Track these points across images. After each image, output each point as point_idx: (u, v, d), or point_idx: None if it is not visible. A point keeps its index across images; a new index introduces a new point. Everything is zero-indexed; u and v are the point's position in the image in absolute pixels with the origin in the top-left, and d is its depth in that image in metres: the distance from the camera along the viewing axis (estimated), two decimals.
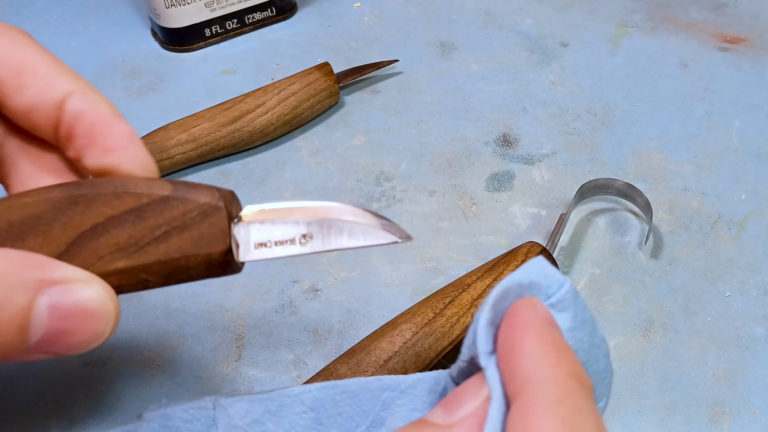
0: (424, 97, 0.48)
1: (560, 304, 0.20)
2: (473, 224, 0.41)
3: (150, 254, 0.22)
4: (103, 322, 0.21)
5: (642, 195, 0.39)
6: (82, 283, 0.21)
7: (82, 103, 0.24)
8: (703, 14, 0.54)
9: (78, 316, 0.21)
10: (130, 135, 0.25)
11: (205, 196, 0.22)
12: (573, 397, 0.17)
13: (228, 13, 0.51)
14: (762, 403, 0.33)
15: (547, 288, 0.21)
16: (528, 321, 0.19)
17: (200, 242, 0.22)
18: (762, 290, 0.38)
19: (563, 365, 0.18)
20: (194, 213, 0.22)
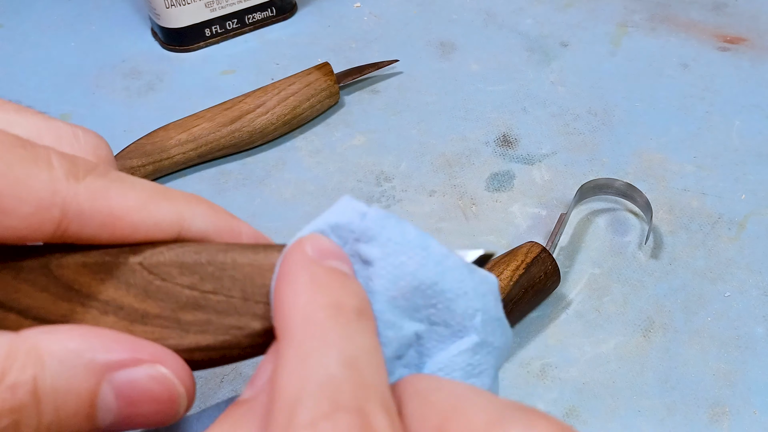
0: (424, 97, 0.48)
1: (365, 235, 0.19)
2: (473, 224, 0.41)
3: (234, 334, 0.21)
4: (174, 405, 0.20)
5: (642, 195, 0.39)
6: (148, 364, 0.20)
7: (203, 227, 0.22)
8: (703, 14, 0.54)
9: (146, 401, 0.20)
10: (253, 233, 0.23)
11: None
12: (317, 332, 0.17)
13: (228, 13, 0.51)
14: (762, 403, 0.33)
15: (349, 224, 0.19)
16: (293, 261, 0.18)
17: None
18: (762, 290, 0.38)
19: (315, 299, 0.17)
20: None
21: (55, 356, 0.18)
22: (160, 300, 0.21)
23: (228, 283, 0.21)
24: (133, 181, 0.21)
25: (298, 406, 0.15)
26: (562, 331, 0.36)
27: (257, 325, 0.21)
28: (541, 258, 0.35)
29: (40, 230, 0.20)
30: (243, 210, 0.41)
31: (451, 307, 0.19)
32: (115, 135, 0.45)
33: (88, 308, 0.21)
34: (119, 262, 0.21)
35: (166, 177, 0.43)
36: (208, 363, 0.21)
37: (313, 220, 0.20)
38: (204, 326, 0.21)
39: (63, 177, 0.20)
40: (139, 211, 0.21)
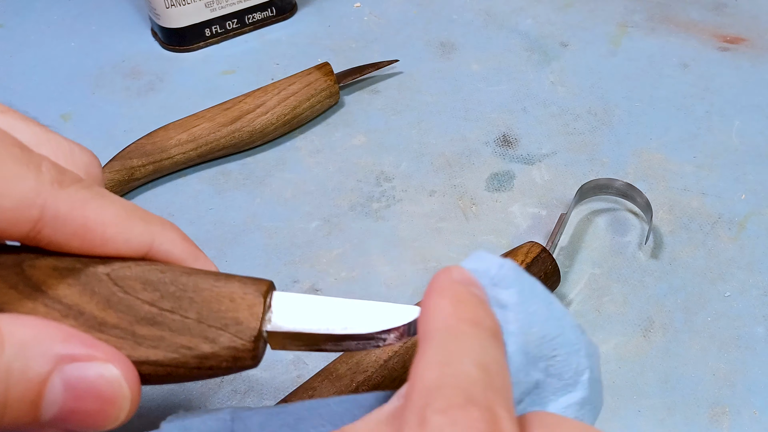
0: (424, 97, 0.48)
1: (503, 281, 0.21)
2: (473, 224, 0.41)
3: (183, 353, 0.22)
4: (117, 407, 0.21)
5: (642, 195, 0.39)
6: (100, 362, 0.20)
7: (170, 251, 0.24)
8: (703, 14, 0.54)
9: (92, 397, 0.20)
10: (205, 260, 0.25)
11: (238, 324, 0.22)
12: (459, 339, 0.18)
13: (228, 13, 0.51)
14: (762, 403, 0.33)
15: (489, 269, 0.21)
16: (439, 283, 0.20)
17: (232, 352, 0.22)
18: (762, 290, 0.38)
19: (458, 313, 0.19)
20: (230, 328, 0.22)
21: (14, 339, 0.19)
22: (120, 311, 0.22)
23: (186, 304, 0.22)
24: (114, 199, 0.23)
25: (435, 394, 0.17)
26: None
27: (206, 348, 0.21)
28: (541, 258, 0.35)
29: (17, 226, 0.21)
30: (243, 210, 0.41)
31: (567, 361, 0.21)
32: (115, 135, 0.45)
33: (51, 309, 0.21)
34: (88, 271, 0.22)
35: (166, 177, 0.43)
36: (153, 378, 0.22)
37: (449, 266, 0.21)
38: (157, 342, 0.21)
39: (48, 182, 0.21)
40: (112, 226, 0.22)
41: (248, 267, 0.39)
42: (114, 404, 0.21)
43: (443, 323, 0.19)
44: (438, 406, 0.16)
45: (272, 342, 0.23)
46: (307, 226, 0.41)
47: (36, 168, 0.21)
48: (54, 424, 0.20)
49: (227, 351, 0.22)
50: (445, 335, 0.18)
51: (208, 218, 0.41)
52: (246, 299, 0.22)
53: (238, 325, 0.22)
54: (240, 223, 0.41)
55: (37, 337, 0.20)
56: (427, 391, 0.17)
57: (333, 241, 0.40)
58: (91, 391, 0.20)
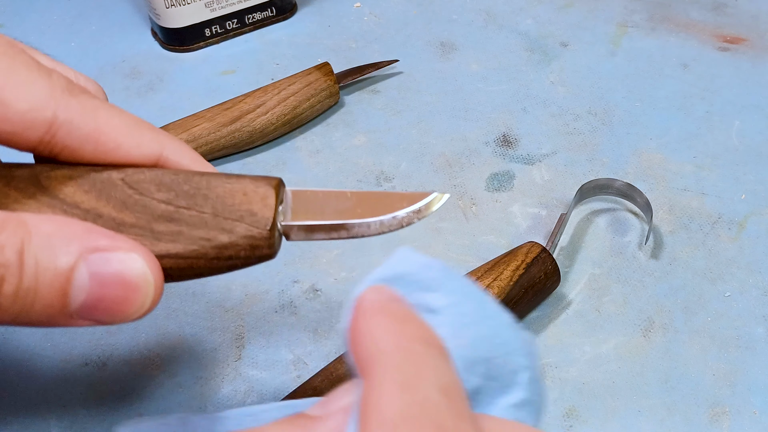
0: (424, 97, 0.48)
1: (430, 285, 0.20)
2: (473, 224, 0.41)
3: (202, 244, 0.22)
4: (142, 294, 0.21)
5: (642, 195, 0.39)
6: (123, 251, 0.21)
7: (179, 160, 0.25)
8: (703, 14, 0.54)
9: (117, 284, 0.21)
10: None
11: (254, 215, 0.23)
12: (413, 359, 0.17)
13: (228, 13, 0.51)
14: (762, 403, 0.33)
15: (414, 274, 0.20)
16: (366, 304, 0.19)
17: (250, 240, 0.23)
18: (762, 290, 0.38)
19: (402, 332, 0.18)
20: (246, 218, 0.23)
21: (41, 231, 0.20)
22: (136, 212, 0.23)
23: (200, 201, 0.23)
24: (122, 110, 0.24)
25: (402, 427, 0.16)
26: (562, 331, 0.36)
27: (224, 238, 0.22)
28: (542, 258, 0.35)
29: (32, 129, 0.21)
30: None
31: (504, 362, 0.20)
32: None
33: (70, 215, 0.22)
34: (103, 177, 0.23)
35: None
36: (174, 272, 0.23)
37: (372, 271, 0.21)
38: (175, 236, 0.22)
39: (59, 88, 0.22)
40: (123, 130, 0.23)
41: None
42: (138, 291, 0.21)
43: (393, 345, 0.17)
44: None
45: (287, 233, 0.24)
46: None
47: (48, 75, 0.22)
48: (82, 314, 0.21)
49: (245, 240, 0.23)
50: (398, 360, 0.17)
51: None
52: (258, 192, 0.23)
53: (253, 216, 0.23)
54: None
55: (61, 230, 0.21)
56: (391, 424, 0.16)
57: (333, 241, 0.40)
58: (116, 278, 0.21)
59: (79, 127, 0.22)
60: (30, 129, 0.21)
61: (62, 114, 0.22)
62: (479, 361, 0.19)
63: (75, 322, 0.21)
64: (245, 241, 0.23)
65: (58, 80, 0.22)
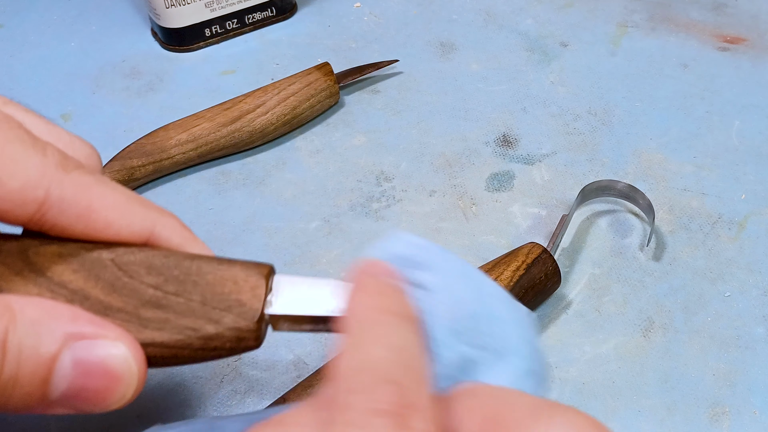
0: (424, 97, 0.48)
1: (423, 264, 0.21)
2: (473, 224, 0.41)
3: (188, 334, 0.22)
4: (125, 384, 0.21)
5: (644, 197, 0.39)
6: (109, 340, 0.21)
7: (170, 237, 0.24)
8: (703, 14, 0.54)
9: (100, 374, 0.21)
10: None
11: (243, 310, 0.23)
12: (369, 328, 0.19)
13: (228, 13, 0.51)
14: (762, 403, 0.33)
15: (408, 254, 0.21)
16: (357, 277, 0.20)
17: (235, 333, 0.22)
18: (762, 290, 0.38)
19: (375, 304, 0.19)
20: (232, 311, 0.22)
21: (26, 317, 0.20)
22: (125, 295, 0.22)
23: (190, 288, 0.22)
24: (115, 185, 0.23)
25: (350, 378, 0.18)
26: (562, 331, 0.36)
27: (211, 328, 0.22)
28: (542, 259, 0.35)
29: (23, 207, 0.21)
30: (243, 210, 0.41)
31: (501, 334, 0.21)
32: (115, 135, 0.45)
33: (57, 295, 0.22)
34: (93, 257, 0.22)
35: (166, 177, 0.43)
36: (158, 360, 0.22)
37: (369, 249, 0.21)
38: (162, 324, 0.22)
39: (53, 165, 0.22)
40: (115, 209, 0.23)
41: None
42: (121, 382, 0.21)
43: (354, 316, 0.19)
44: (351, 388, 0.17)
45: (274, 324, 0.23)
46: (307, 226, 0.41)
47: (42, 151, 0.22)
48: (62, 403, 0.21)
49: (231, 332, 0.22)
50: (356, 326, 0.19)
51: (208, 218, 0.41)
52: (249, 281, 0.23)
53: (242, 306, 0.22)
54: (240, 223, 0.41)
55: (47, 316, 0.20)
56: (343, 376, 0.18)
57: (333, 241, 0.40)
58: (99, 368, 0.21)
59: (70, 206, 0.22)
60: (21, 206, 0.21)
61: (55, 192, 0.21)
62: (471, 332, 0.20)
63: (53, 410, 0.21)
64: (232, 333, 0.22)
65: (52, 156, 0.22)
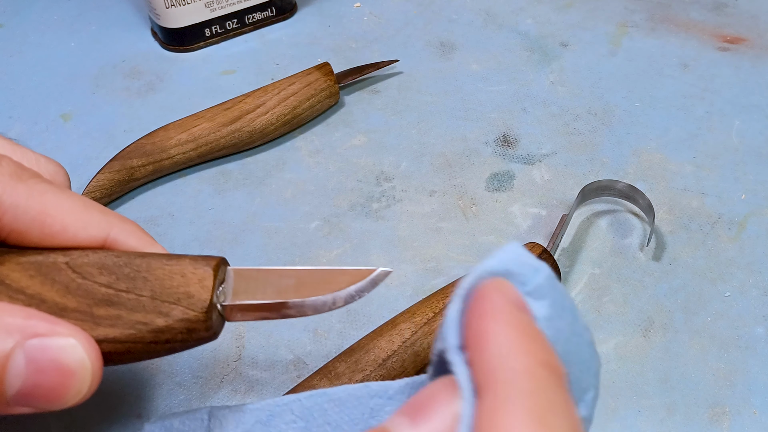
0: (424, 97, 0.48)
1: (537, 291, 0.19)
2: (473, 224, 0.41)
3: (139, 329, 0.23)
4: (79, 380, 0.21)
5: (644, 197, 0.39)
6: (62, 337, 0.21)
7: (127, 241, 0.25)
8: (703, 14, 0.54)
9: (54, 371, 0.21)
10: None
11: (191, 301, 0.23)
12: (544, 388, 0.16)
13: (228, 13, 0.51)
14: (762, 403, 0.33)
15: (522, 276, 0.19)
16: (496, 306, 0.18)
17: (186, 325, 0.23)
18: (762, 290, 0.38)
19: (533, 353, 0.17)
20: (182, 299, 0.23)
21: None
22: (79, 296, 0.23)
23: (140, 284, 0.23)
24: (73, 194, 0.24)
25: None
26: None
27: (161, 322, 0.23)
28: (542, 259, 0.35)
29: None
30: (243, 210, 0.41)
31: (579, 378, 0.20)
32: (115, 135, 0.45)
33: (15, 300, 0.22)
34: (48, 261, 0.23)
35: (166, 177, 0.43)
36: (113, 356, 0.23)
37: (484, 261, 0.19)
38: (114, 320, 0.23)
39: (7, 174, 0.23)
40: (70, 213, 0.23)
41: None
42: (75, 377, 0.21)
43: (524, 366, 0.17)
44: None
45: (228, 314, 0.24)
46: (307, 226, 0.41)
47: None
48: (18, 401, 0.21)
49: (181, 323, 0.23)
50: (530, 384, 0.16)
51: (208, 218, 0.41)
52: (197, 274, 0.23)
53: (190, 298, 0.23)
54: (240, 223, 0.41)
55: (1, 315, 0.21)
56: None
57: (333, 241, 0.40)
58: (53, 363, 0.21)
59: (25, 211, 0.23)
60: None
61: (8, 199, 0.22)
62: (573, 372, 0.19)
63: (11, 409, 0.21)
64: (181, 325, 0.23)
65: (7, 166, 0.23)
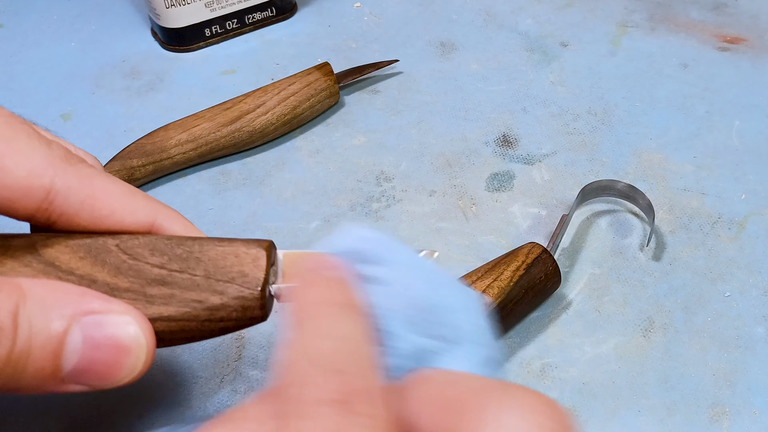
0: (424, 97, 0.48)
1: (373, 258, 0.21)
2: (473, 224, 0.41)
3: (194, 306, 0.23)
4: (134, 356, 0.22)
5: (644, 197, 0.39)
6: (117, 315, 0.21)
7: (171, 226, 0.25)
8: (703, 14, 0.54)
9: (110, 347, 0.21)
10: None
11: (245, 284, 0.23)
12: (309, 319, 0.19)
13: (228, 13, 0.51)
14: (762, 403, 0.33)
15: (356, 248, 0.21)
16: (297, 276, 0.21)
17: (242, 304, 0.23)
18: (762, 290, 0.38)
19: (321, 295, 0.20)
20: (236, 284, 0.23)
21: (36, 294, 0.21)
22: (130, 276, 0.23)
23: (193, 264, 0.23)
24: (118, 180, 0.24)
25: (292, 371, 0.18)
26: (562, 331, 0.36)
27: (216, 299, 0.23)
28: (542, 259, 0.35)
29: (29, 196, 0.22)
30: (243, 210, 0.41)
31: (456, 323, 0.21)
32: (115, 135, 0.45)
33: (65, 281, 0.23)
34: (98, 244, 0.23)
35: (166, 177, 0.43)
36: (166, 334, 0.23)
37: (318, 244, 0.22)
38: (167, 299, 0.23)
39: (58, 157, 0.23)
40: (118, 198, 0.24)
41: None
42: (130, 354, 0.22)
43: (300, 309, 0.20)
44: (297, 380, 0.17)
45: (279, 296, 0.24)
46: (307, 226, 0.41)
47: (47, 144, 0.23)
48: (74, 377, 0.21)
49: (236, 301, 0.23)
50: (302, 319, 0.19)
51: (208, 218, 0.41)
52: (250, 254, 0.24)
53: (244, 277, 0.23)
54: (240, 223, 0.41)
55: (56, 293, 0.21)
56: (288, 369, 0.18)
57: None
58: (108, 340, 0.21)
59: (75, 194, 0.23)
60: (28, 196, 0.22)
61: (60, 181, 0.22)
62: (426, 323, 0.20)
63: (65, 387, 0.21)
64: (236, 303, 0.23)
65: (57, 149, 0.23)
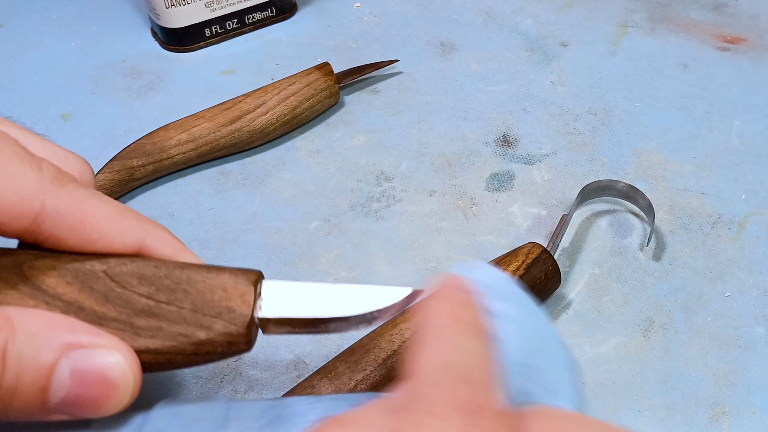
0: (424, 97, 0.48)
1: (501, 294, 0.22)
2: (473, 224, 0.41)
3: (180, 341, 0.23)
4: (121, 391, 0.22)
5: (644, 197, 0.39)
6: (105, 349, 0.22)
7: (161, 248, 0.25)
8: (703, 14, 0.54)
9: (97, 382, 0.21)
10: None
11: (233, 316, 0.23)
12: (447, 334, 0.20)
13: (228, 13, 0.51)
14: (762, 403, 0.33)
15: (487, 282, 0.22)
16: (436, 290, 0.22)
17: (226, 337, 0.23)
18: (762, 290, 0.38)
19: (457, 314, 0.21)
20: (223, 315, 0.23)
21: (25, 328, 0.21)
22: (118, 305, 0.23)
23: (181, 296, 0.23)
24: (108, 199, 0.24)
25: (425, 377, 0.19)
26: (562, 331, 0.36)
27: (202, 335, 0.23)
28: (542, 259, 0.35)
29: (19, 220, 0.22)
30: (243, 210, 0.41)
31: (557, 376, 0.22)
32: (115, 135, 0.45)
33: (53, 306, 0.22)
34: (86, 268, 0.23)
35: (166, 177, 0.43)
36: (153, 366, 0.23)
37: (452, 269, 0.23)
38: (155, 332, 0.23)
39: (49, 179, 0.23)
40: (108, 220, 0.24)
41: (248, 267, 0.39)
42: (117, 389, 0.22)
43: (434, 321, 0.20)
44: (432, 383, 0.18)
45: (263, 327, 0.24)
46: (307, 226, 0.41)
47: (38, 166, 0.22)
48: (60, 410, 0.21)
49: (222, 337, 0.23)
50: (436, 330, 0.20)
51: (208, 218, 0.41)
52: (237, 288, 0.24)
53: (232, 312, 0.23)
54: (240, 223, 0.41)
55: (46, 327, 0.21)
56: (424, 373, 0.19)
57: (333, 241, 0.40)
58: (96, 376, 0.21)
59: (64, 218, 0.23)
60: (17, 219, 0.22)
61: (50, 205, 0.22)
62: (533, 369, 0.21)
63: (52, 416, 0.22)
64: (223, 338, 0.23)
65: (47, 171, 0.23)
